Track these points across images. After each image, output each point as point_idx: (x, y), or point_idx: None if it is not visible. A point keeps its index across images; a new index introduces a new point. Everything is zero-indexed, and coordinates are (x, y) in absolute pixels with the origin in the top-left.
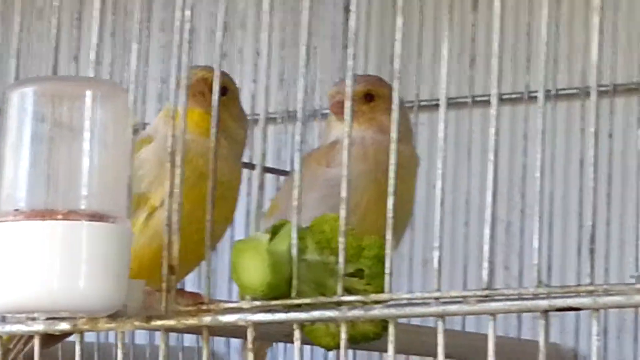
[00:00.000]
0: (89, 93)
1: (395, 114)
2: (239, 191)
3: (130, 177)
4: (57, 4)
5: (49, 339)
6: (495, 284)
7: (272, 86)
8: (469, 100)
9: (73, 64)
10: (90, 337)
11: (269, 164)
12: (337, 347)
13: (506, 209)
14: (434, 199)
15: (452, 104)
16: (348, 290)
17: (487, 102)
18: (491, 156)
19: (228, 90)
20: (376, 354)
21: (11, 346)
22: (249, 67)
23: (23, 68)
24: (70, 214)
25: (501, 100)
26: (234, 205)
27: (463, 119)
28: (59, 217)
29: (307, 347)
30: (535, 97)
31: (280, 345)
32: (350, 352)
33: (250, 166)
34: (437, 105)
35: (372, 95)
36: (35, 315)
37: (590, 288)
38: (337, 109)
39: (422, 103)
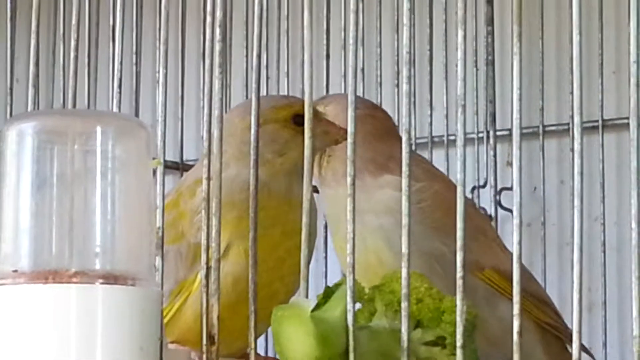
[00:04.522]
0: (99, 129)
1: None
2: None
3: (158, 229)
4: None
5: None
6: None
7: None
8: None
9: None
10: None
11: None
12: None
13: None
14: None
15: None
16: None
17: (593, 129)
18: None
19: None
20: None
21: None
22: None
23: None
24: (81, 276)
25: (605, 127)
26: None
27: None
28: (67, 279)
29: None
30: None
31: None
32: None
33: None
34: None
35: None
36: None
37: None
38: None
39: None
